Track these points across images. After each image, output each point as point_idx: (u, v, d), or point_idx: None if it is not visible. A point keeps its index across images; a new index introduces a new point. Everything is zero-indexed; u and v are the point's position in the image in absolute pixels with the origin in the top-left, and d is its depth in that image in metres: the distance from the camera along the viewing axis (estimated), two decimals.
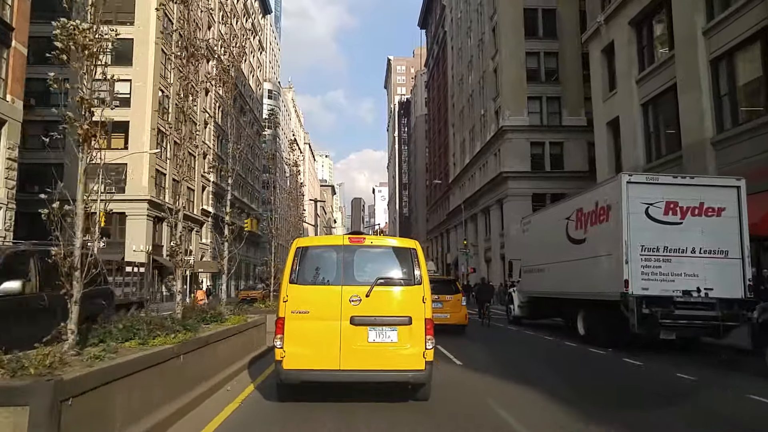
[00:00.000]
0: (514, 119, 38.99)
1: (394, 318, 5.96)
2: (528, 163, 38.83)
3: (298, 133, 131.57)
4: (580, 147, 38.71)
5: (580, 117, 39.04)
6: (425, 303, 6.01)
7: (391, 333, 5.92)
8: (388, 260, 6.43)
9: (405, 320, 5.93)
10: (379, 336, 5.92)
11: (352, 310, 5.89)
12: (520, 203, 38.33)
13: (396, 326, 5.92)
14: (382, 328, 5.92)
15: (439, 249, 73.19)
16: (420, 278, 6.12)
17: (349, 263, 6.22)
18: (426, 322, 5.93)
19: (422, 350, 5.85)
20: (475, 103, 49.49)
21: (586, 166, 38.72)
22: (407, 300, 6.07)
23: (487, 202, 44.55)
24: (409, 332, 5.91)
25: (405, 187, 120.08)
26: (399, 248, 6.47)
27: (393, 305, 6.07)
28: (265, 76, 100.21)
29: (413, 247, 6.37)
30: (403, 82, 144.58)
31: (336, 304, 5.90)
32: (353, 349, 5.83)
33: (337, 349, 5.81)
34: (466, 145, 53.92)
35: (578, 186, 39.84)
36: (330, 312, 5.88)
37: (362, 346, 5.87)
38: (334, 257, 6.28)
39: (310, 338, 5.87)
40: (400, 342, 5.90)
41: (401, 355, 5.86)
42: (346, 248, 6.29)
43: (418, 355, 5.83)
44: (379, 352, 5.88)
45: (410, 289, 6.10)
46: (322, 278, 6.19)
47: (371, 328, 5.91)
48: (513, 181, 38.54)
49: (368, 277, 6.13)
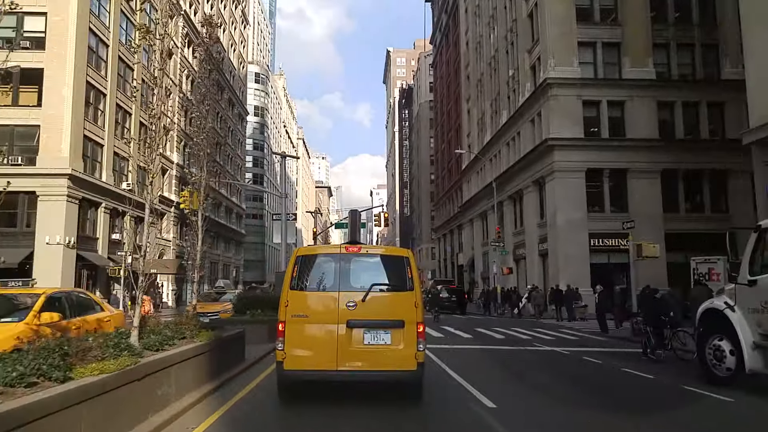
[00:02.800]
0: (561, 70, 29.54)
1: (387, 321, 6.28)
2: (580, 127, 29.35)
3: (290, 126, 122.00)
4: (647, 107, 29.29)
5: (647, 68, 29.61)
6: (417, 308, 6.36)
7: (385, 335, 6.25)
8: (382, 268, 6.85)
9: (398, 323, 6.26)
10: (374, 338, 6.24)
11: (348, 314, 6.23)
12: (571, 181, 28.86)
13: (390, 329, 6.26)
14: (376, 331, 6.25)
15: (448, 249, 63.64)
16: (412, 284, 6.47)
17: (346, 270, 6.53)
18: (418, 326, 6.27)
19: (414, 352, 6.19)
20: (500, 65, 40.05)
21: (655, 131, 29.31)
22: (400, 304, 6.41)
23: (519, 185, 35.00)
24: (402, 335, 6.25)
25: (406, 185, 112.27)
26: (392, 256, 6.94)
27: (387, 309, 6.38)
28: (253, 58, 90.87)
29: (406, 256, 6.75)
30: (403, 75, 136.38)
31: (333, 309, 6.25)
32: (350, 350, 6.17)
33: (335, 350, 6.15)
34: (486, 120, 44.46)
35: (648, 159, 30.34)
36: (328, 316, 6.25)
37: (358, 347, 6.21)
38: (332, 265, 6.60)
39: (309, 340, 6.23)
40: (394, 344, 6.24)
41: (394, 356, 6.19)
42: (342, 256, 6.62)
43: (411, 357, 6.18)
44: (373, 353, 6.21)
45: (403, 294, 6.48)
46: (320, 284, 6.58)
47: (366, 331, 6.24)
48: (561, 152, 29.04)
49: (364, 284, 6.44)
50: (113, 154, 32.68)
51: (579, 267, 28.13)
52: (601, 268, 28.98)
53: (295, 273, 6.42)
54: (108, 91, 31.89)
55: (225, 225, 58.48)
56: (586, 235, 28.53)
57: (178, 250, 44.52)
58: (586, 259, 28.37)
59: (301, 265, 6.53)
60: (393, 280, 6.61)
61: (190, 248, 8.81)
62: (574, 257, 28.24)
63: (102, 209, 31.10)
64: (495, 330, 17.85)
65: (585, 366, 10.34)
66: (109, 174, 31.87)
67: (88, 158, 29.95)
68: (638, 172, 28.87)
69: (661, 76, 29.78)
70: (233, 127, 63.87)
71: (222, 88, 59.25)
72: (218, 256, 56.70)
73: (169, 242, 42.70)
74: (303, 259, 6.62)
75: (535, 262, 32.75)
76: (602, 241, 28.95)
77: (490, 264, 42.16)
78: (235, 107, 64.31)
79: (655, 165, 28.75)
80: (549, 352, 12.11)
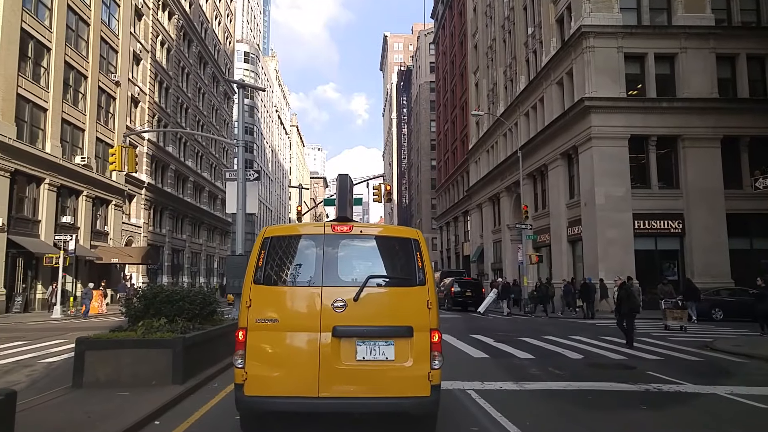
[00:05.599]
0: (598, 17, 24.39)
1: (390, 328, 4.45)
2: (621, 85, 24.22)
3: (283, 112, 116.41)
4: (703, 61, 24.18)
5: (703, 13, 24.49)
6: (431, 309, 4.51)
7: (387, 348, 4.42)
8: (382, 254, 4.85)
9: (405, 331, 4.43)
10: (371, 352, 4.40)
11: (335, 319, 4.40)
12: (611, 151, 23.80)
13: (393, 339, 4.44)
14: (374, 342, 4.41)
15: (452, 239, 58.65)
16: (424, 276, 4.60)
17: (333, 258, 4.66)
18: (432, 334, 4.45)
19: (427, 370, 4.36)
20: (518, 24, 34.82)
21: (713, 90, 24.20)
22: (407, 305, 4.54)
23: (542, 159, 29.88)
24: (410, 347, 4.41)
25: (404, 174, 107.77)
26: (396, 239, 4.89)
27: (389, 312, 4.52)
28: (242, 36, 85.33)
29: (415, 238, 4.79)
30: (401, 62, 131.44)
31: (314, 311, 4.43)
32: (337, 369, 4.32)
33: (316, 369, 4.31)
34: (498, 91, 39.25)
35: (704, 123, 24.90)
36: (306, 321, 4.42)
37: (349, 365, 4.36)
38: (313, 250, 4.70)
39: (281, 356, 4.38)
40: (399, 360, 4.40)
41: (400, 377, 4.36)
42: (328, 239, 4.69)
43: (422, 378, 4.34)
44: (370, 373, 4.36)
45: (411, 290, 4.58)
46: (296, 277, 4.65)
47: (360, 342, 4.40)
48: (599, 115, 23.91)
49: (357, 276, 4.61)
50: (62, 121, 27.34)
51: (621, 255, 23.13)
52: (646, 256, 24.02)
53: (262, 261, 4.58)
54: (53, 45, 26.53)
55: (208, 212, 53.23)
56: (630, 215, 23.52)
57: (151, 237, 39.35)
58: (630, 245, 23.35)
59: (270, 249, 4.64)
60: (397, 270, 4.76)
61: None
62: (616, 242, 23.22)
63: (46, 186, 25.83)
64: (551, 340, 12.67)
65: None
66: (56, 145, 26.56)
67: (26, 123, 24.67)
68: (693, 139, 23.81)
69: (721, 23, 24.64)
70: (218, 106, 58.46)
71: (204, 62, 53.86)
72: (200, 246, 51.48)
73: (138, 228, 37.46)
74: (273, 242, 4.69)
75: (563, 251, 27.68)
76: (648, 223, 23.94)
77: (504, 253, 37.17)
78: (220, 84, 58.84)
79: (714, 131, 23.70)
80: (710, 400, 6.62)
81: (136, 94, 36.80)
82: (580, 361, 9.52)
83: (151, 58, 39.27)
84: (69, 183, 27.82)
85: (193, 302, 7.24)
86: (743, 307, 18.51)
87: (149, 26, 39.48)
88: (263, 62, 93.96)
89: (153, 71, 39.77)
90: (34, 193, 25.52)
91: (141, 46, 37.95)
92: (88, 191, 29.81)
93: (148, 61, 38.91)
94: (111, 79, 32.77)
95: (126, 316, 7.12)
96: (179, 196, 45.24)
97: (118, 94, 33.75)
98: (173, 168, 43.57)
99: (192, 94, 49.30)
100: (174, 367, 6.13)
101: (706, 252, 23.18)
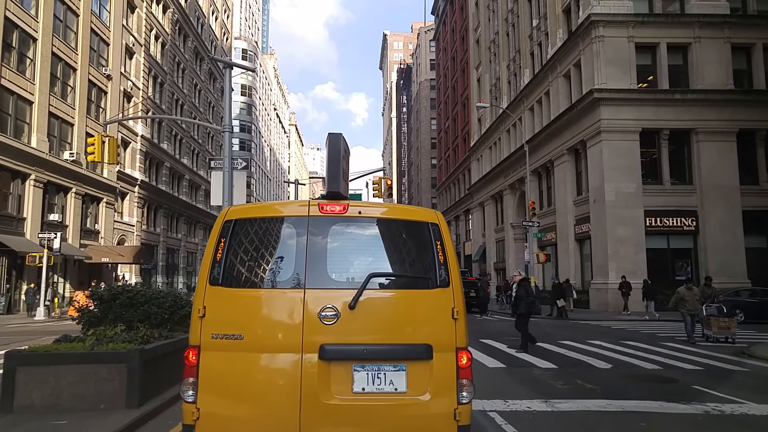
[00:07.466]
0: (608, 5, 23.36)
1: (401, 347, 3.09)
2: (632, 77, 23.18)
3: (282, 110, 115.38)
4: (718, 51, 23.14)
5: (718, 2, 23.46)
6: (457, 319, 3.14)
7: (396, 375, 3.07)
8: (389, 243, 3.40)
9: (421, 351, 3.08)
10: (374, 381, 3.06)
11: (323, 334, 3.05)
12: (621, 145, 22.76)
13: (404, 362, 3.09)
14: (378, 367, 3.08)
15: (453, 238, 57.53)
16: (447, 275, 3.20)
17: (321, 249, 3.23)
18: (459, 355, 3.11)
19: (453, 407, 3.04)
20: (522, 17, 33.77)
21: (729, 81, 23.16)
22: (424, 315, 3.16)
23: (548, 155, 28.83)
24: (429, 373, 3.08)
25: (404, 173, 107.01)
26: (407, 222, 3.43)
27: (399, 324, 3.14)
28: (240, 34, 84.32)
29: (433, 221, 3.36)
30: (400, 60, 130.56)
31: (294, 323, 3.07)
32: (325, 406, 2.98)
33: (296, 406, 2.98)
34: (501, 86, 38.21)
35: (719, 116, 24.01)
36: (283, 337, 3.07)
37: (342, 400, 3.01)
38: (294, 239, 3.26)
39: (247, 386, 3.02)
40: (412, 392, 3.06)
41: (414, 415, 3.03)
42: (314, 223, 3.26)
43: (446, 417, 3.02)
44: (373, 411, 3.01)
45: (430, 294, 3.18)
46: (269, 275, 3.25)
47: (359, 367, 3.07)
48: (609, 107, 22.88)
49: (354, 274, 3.24)
50: (49, 115, 26.27)
51: (632, 253, 22.09)
52: (658, 255, 22.99)
53: (221, 253, 3.17)
54: (39, 36, 25.46)
55: (204, 211, 52.16)
56: (641, 212, 22.49)
57: (145, 236, 38.27)
58: (641, 244, 22.32)
59: (232, 237, 3.22)
60: (409, 266, 3.33)
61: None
62: (627, 240, 22.18)
63: (31, 182, 24.75)
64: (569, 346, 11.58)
65: None
66: (42, 139, 25.49)
67: (10, 116, 23.59)
68: (707, 133, 22.77)
69: (736, 11, 23.61)
70: (215, 103, 57.39)
71: (201, 58, 52.79)
72: (196, 246, 50.41)
73: (131, 227, 36.37)
74: (237, 227, 3.25)
75: (570, 250, 26.63)
76: (660, 221, 22.90)
77: (508, 252, 36.12)
78: (217, 81, 57.76)
79: (729, 124, 22.67)
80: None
81: (128, 88, 35.70)
82: (611, 372, 8.43)
83: (144, 52, 38.20)
84: (57, 179, 26.75)
85: (162, 305, 6.10)
86: (765, 307, 17.49)
87: (143, 19, 38.39)
88: (261, 60, 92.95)
89: (147, 65, 38.69)
90: (19, 189, 24.43)
91: (134, 40, 36.86)
92: (78, 188, 28.73)
93: (141, 55, 37.83)
94: (102, 72, 31.70)
95: (79, 322, 5.98)
96: (174, 195, 44.20)
97: (110, 88, 32.67)
98: (168, 165, 42.52)
99: (188, 90, 48.26)
100: (129, 387, 4.98)
101: (721, 251, 22.13)
